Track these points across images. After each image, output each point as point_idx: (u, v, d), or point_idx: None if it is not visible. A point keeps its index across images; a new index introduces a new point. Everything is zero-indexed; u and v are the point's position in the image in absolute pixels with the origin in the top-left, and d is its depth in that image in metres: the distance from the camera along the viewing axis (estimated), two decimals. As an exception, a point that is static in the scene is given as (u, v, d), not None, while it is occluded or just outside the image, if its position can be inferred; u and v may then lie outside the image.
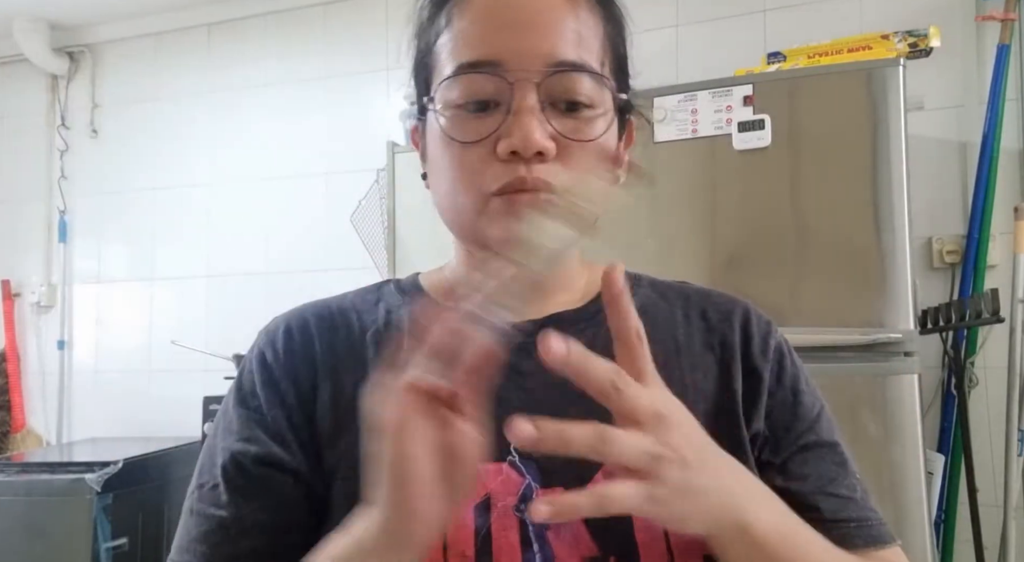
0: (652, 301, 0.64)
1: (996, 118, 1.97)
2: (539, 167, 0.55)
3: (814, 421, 0.61)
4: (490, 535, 0.52)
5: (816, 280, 1.60)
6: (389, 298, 0.65)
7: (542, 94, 0.55)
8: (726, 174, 1.68)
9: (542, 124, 0.54)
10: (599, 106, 0.57)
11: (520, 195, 0.55)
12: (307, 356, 0.61)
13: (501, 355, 0.56)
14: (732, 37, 2.31)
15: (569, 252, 0.62)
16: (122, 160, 3.04)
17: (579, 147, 0.56)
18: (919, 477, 1.50)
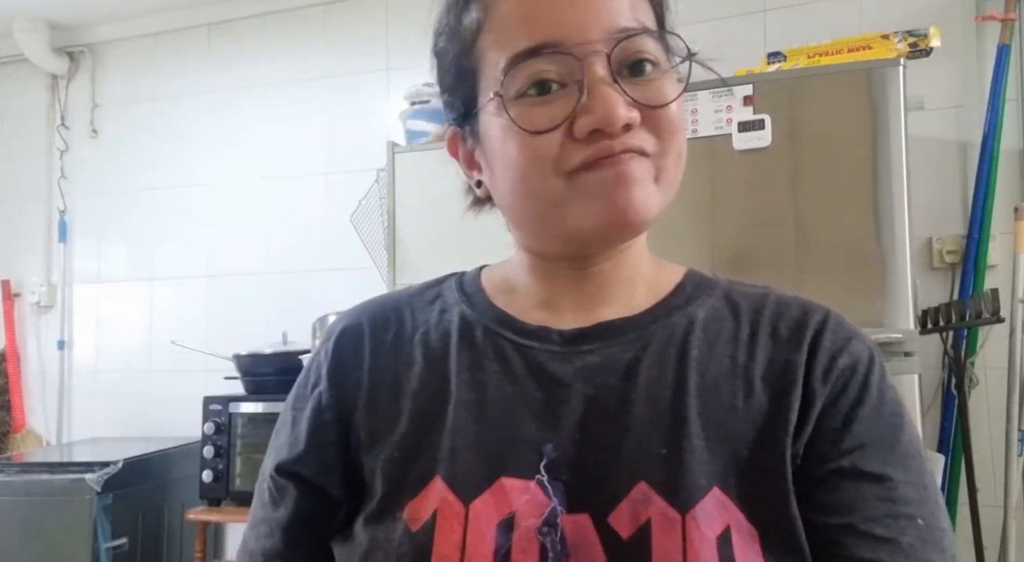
0: (719, 314, 0.58)
1: (996, 118, 1.97)
2: (626, 138, 0.51)
3: (855, 448, 0.51)
4: (509, 556, 0.49)
5: (816, 280, 1.60)
6: (447, 295, 0.63)
7: (612, 66, 0.51)
8: (726, 174, 1.68)
9: (621, 96, 0.51)
10: (668, 68, 0.54)
11: (618, 160, 0.51)
12: (355, 364, 0.60)
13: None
14: (732, 37, 2.31)
15: (627, 256, 0.59)
16: (122, 160, 3.04)
17: (662, 112, 0.52)
18: (919, 477, 1.50)
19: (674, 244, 1.71)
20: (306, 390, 0.61)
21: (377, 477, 0.55)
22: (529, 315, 0.58)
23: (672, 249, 1.71)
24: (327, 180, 2.74)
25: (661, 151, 0.53)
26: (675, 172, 0.55)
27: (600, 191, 0.51)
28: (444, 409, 0.55)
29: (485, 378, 0.56)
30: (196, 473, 2.27)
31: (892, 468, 0.51)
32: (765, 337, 0.56)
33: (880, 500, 0.50)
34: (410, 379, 0.57)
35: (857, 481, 0.50)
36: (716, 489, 0.50)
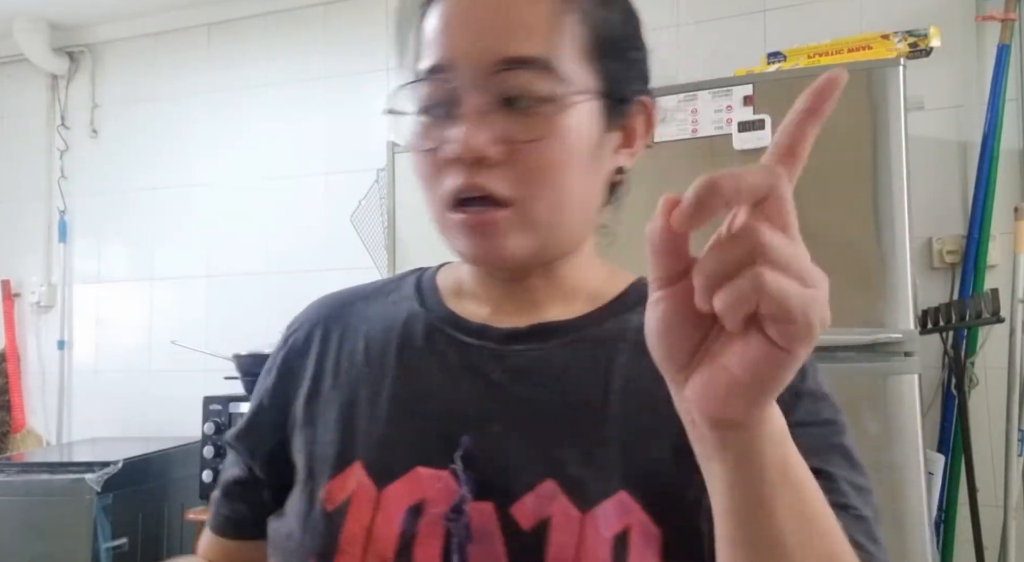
0: None
1: (996, 118, 1.97)
2: (484, 172, 0.52)
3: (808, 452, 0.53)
4: (414, 541, 0.51)
5: (816, 280, 1.60)
6: (404, 290, 0.65)
7: (490, 95, 0.51)
8: (726, 174, 1.68)
9: (481, 128, 0.51)
10: (556, 102, 0.52)
11: (467, 210, 0.53)
12: (304, 354, 0.64)
13: None
14: (732, 37, 2.31)
15: (558, 271, 0.59)
16: (122, 160, 3.04)
17: (531, 151, 0.51)
18: (919, 477, 1.50)
19: (674, 244, 1.71)
20: (264, 375, 0.67)
21: (304, 458, 0.59)
22: (474, 314, 0.60)
23: (672, 249, 1.72)
24: (327, 180, 2.74)
25: (528, 196, 0.52)
26: (551, 216, 0.54)
27: (462, 234, 0.54)
28: (375, 399, 0.58)
29: (418, 371, 0.58)
30: (196, 473, 2.27)
31: (833, 465, 0.52)
32: None
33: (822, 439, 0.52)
34: (350, 370, 0.60)
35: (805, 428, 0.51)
36: (623, 492, 0.51)
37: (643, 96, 0.59)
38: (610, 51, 0.55)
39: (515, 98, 0.51)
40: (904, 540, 1.50)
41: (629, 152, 0.59)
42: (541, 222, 0.54)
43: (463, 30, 0.53)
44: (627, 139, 0.59)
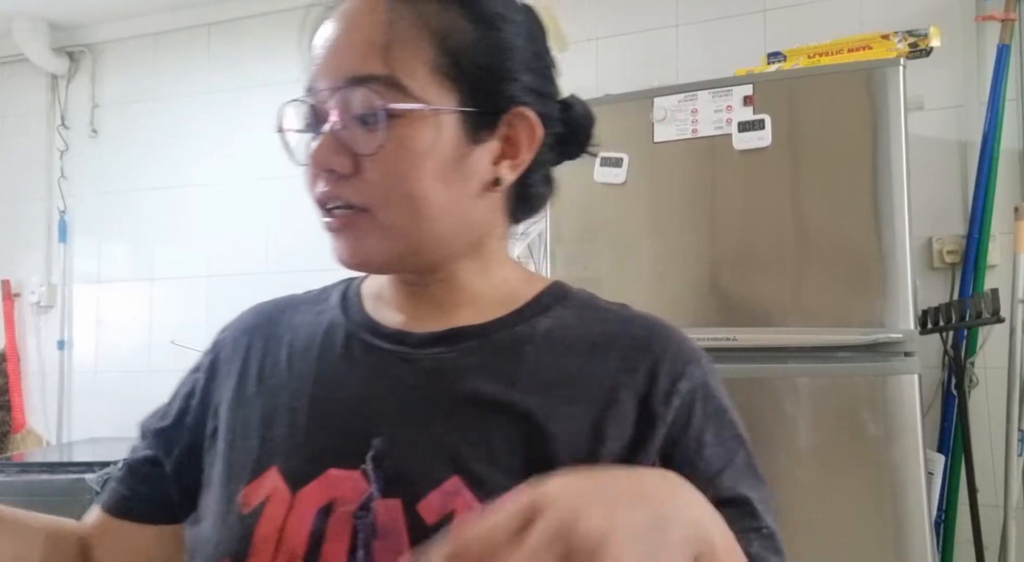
0: (566, 325, 0.61)
1: (996, 118, 1.97)
2: (340, 183, 0.56)
3: (713, 477, 0.55)
4: (323, 539, 0.53)
5: (816, 280, 1.60)
6: (332, 299, 0.67)
7: (339, 112, 0.55)
8: (726, 174, 1.68)
9: (328, 143, 0.55)
10: (399, 116, 0.54)
11: (331, 216, 0.58)
12: (231, 360, 0.66)
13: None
14: (732, 37, 2.31)
15: (459, 276, 0.62)
16: (122, 160, 3.04)
17: (373, 163, 0.55)
18: (919, 477, 1.50)
19: (674, 244, 1.71)
20: (191, 373, 0.68)
21: (223, 463, 0.60)
22: (391, 320, 0.63)
23: (672, 249, 1.72)
24: (327, 180, 2.74)
25: (378, 203, 0.56)
26: (406, 221, 0.56)
27: (331, 237, 0.59)
28: (294, 406, 0.60)
29: (336, 378, 0.61)
30: (196, 473, 2.27)
31: (744, 486, 0.56)
32: (605, 350, 0.59)
33: (736, 520, 0.53)
34: (272, 378, 0.63)
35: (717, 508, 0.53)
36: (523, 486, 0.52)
37: (519, 107, 0.59)
38: (469, 65, 0.57)
39: (361, 113, 0.55)
40: (904, 540, 1.50)
41: (511, 163, 0.60)
42: (396, 228, 0.56)
43: (323, 53, 0.57)
44: (511, 150, 0.60)
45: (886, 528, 1.52)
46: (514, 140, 0.60)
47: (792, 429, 1.59)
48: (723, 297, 1.66)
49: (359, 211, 0.56)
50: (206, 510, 0.61)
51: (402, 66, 0.55)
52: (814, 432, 1.58)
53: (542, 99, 0.61)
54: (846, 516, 1.54)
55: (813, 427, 1.58)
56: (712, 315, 1.66)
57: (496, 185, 0.60)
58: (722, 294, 1.67)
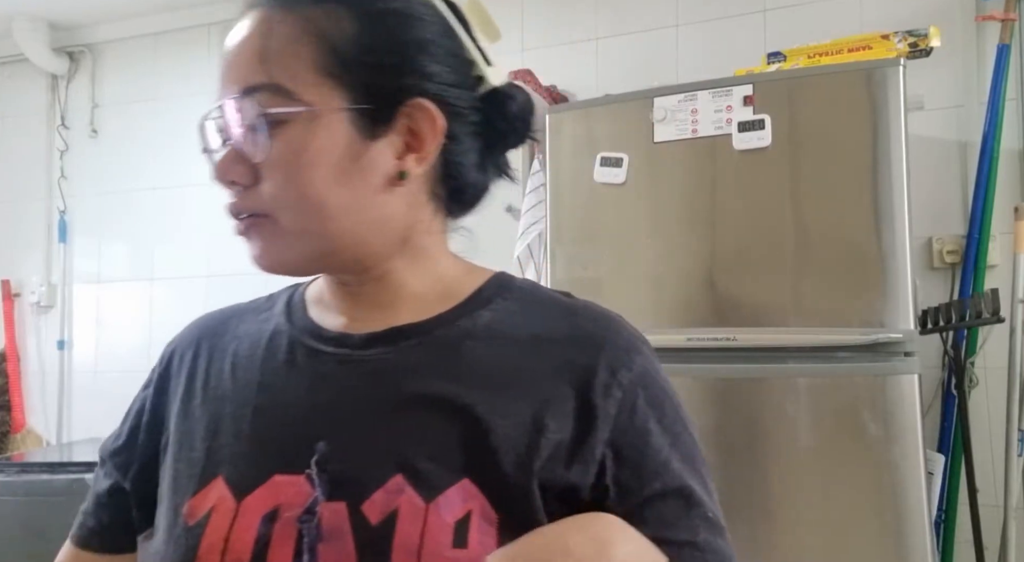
0: (508, 316, 0.61)
1: (996, 118, 1.97)
2: (243, 194, 0.58)
3: (660, 467, 0.56)
4: (268, 545, 0.54)
5: (816, 280, 1.60)
6: (277, 306, 0.68)
7: (235, 125, 0.56)
8: (726, 174, 1.68)
9: (228, 156, 0.57)
10: (286, 122, 0.55)
11: (237, 225, 0.59)
12: (178, 372, 0.67)
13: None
14: (732, 37, 2.31)
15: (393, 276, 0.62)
16: (122, 160, 3.04)
17: (265, 169, 0.56)
18: (919, 477, 1.50)
19: (674, 244, 1.71)
20: (141, 390, 0.70)
21: (170, 476, 0.61)
22: (333, 323, 0.63)
23: (672, 249, 1.72)
24: (327, 180, 2.74)
25: (278, 208, 0.57)
26: (307, 224, 0.57)
27: (246, 243, 0.60)
28: (238, 414, 0.60)
29: (280, 384, 0.61)
30: (196, 473, 2.27)
31: (688, 475, 0.57)
32: (547, 343, 0.59)
33: (682, 509, 0.56)
34: (217, 388, 0.63)
35: (665, 498, 0.56)
36: (466, 480, 0.53)
37: (416, 99, 0.58)
38: (356, 62, 0.57)
39: (251, 122, 0.55)
40: (904, 540, 1.50)
41: (417, 156, 0.59)
42: (299, 231, 0.57)
43: (222, 68, 0.58)
44: (415, 144, 0.59)
45: (886, 528, 1.52)
46: (418, 132, 0.59)
47: (792, 429, 1.59)
48: (723, 297, 1.66)
49: (262, 217, 0.58)
50: (158, 525, 0.61)
51: (283, 71, 0.55)
52: (814, 432, 1.58)
53: (451, 89, 0.60)
54: (846, 516, 1.54)
55: (813, 427, 1.58)
56: (712, 315, 1.66)
57: (402, 179, 0.59)
58: (722, 294, 1.67)
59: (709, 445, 1.64)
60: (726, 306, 1.66)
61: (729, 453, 1.61)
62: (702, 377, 1.64)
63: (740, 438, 1.61)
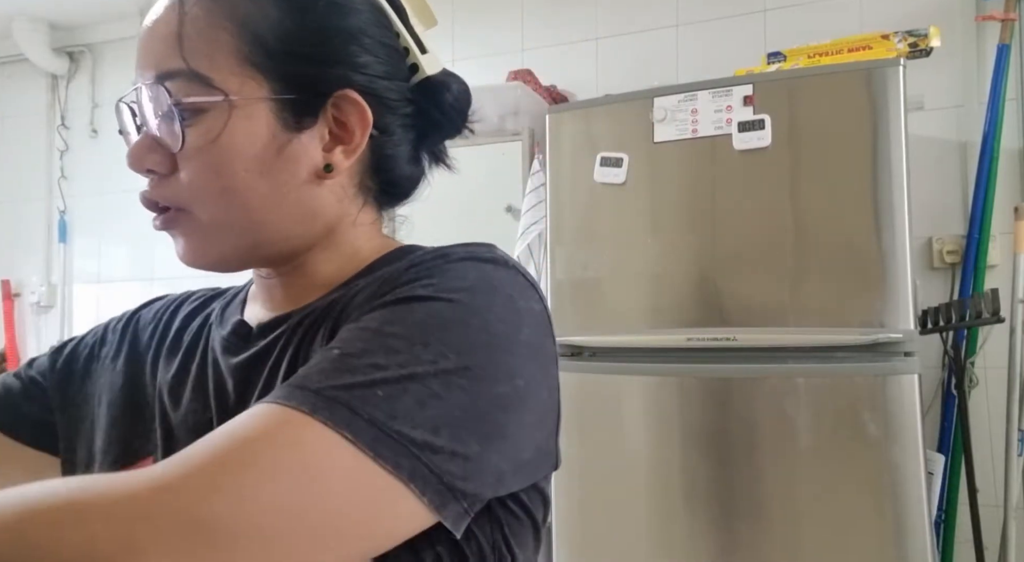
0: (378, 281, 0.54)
1: (996, 118, 1.97)
2: (159, 184, 0.57)
3: (356, 318, 0.49)
4: None
5: (816, 280, 1.60)
6: (230, 293, 0.68)
7: (147, 112, 0.55)
8: (726, 174, 1.68)
9: (140, 144, 0.56)
10: (205, 110, 0.53)
11: (155, 222, 0.58)
12: (135, 337, 0.68)
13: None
14: (732, 37, 2.31)
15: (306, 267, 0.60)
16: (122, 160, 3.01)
17: (183, 161, 0.55)
18: (919, 477, 1.50)
19: (674, 244, 1.71)
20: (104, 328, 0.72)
21: (103, 439, 0.61)
22: (251, 313, 0.63)
23: (672, 249, 1.72)
24: (327, 180, 2.74)
25: (196, 201, 0.55)
26: (227, 217, 0.55)
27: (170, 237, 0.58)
28: (166, 396, 0.61)
29: (189, 370, 0.61)
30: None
31: (357, 322, 0.48)
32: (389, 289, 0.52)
33: (324, 360, 0.45)
34: (156, 363, 0.64)
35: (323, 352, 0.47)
36: None
37: (344, 90, 0.56)
38: (281, 51, 0.54)
39: (167, 110, 0.53)
40: (904, 540, 1.50)
41: (345, 149, 0.57)
42: (217, 225, 0.56)
43: (138, 51, 0.56)
44: (344, 136, 0.57)
45: (886, 528, 1.52)
46: (346, 124, 0.57)
47: (792, 429, 1.59)
48: (723, 297, 1.66)
49: (179, 211, 0.56)
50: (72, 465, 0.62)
51: (200, 58, 0.53)
52: (814, 432, 1.58)
53: (382, 80, 0.58)
54: (846, 516, 1.54)
55: (813, 427, 1.58)
56: (712, 315, 1.66)
57: (328, 171, 0.57)
58: (722, 294, 1.67)
59: (709, 445, 1.65)
60: (726, 306, 1.66)
61: (729, 453, 1.61)
62: (702, 377, 1.64)
63: (740, 438, 1.61)
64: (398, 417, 0.41)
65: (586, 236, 1.81)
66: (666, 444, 1.68)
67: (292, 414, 0.40)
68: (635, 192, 1.76)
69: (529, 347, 0.49)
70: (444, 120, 0.62)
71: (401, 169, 0.62)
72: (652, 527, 1.71)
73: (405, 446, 0.41)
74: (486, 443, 0.44)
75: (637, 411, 1.71)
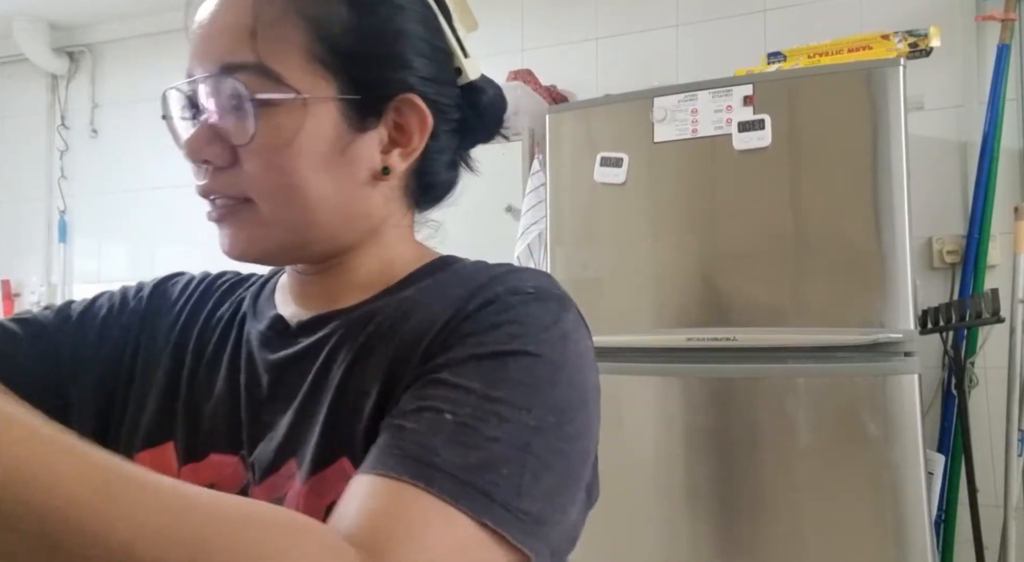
0: (426, 293, 0.57)
1: (996, 118, 1.97)
2: (216, 175, 0.55)
3: (441, 365, 0.49)
4: None
5: (816, 280, 1.60)
6: (255, 287, 0.67)
7: (211, 102, 0.54)
8: (726, 174, 1.68)
9: (202, 133, 0.54)
10: (274, 105, 0.53)
11: (210, 211, 0.57)
12: (169, 310, 0.66)
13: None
14: (732, 37, 2.31)
15: (348, 266, 0.60)
16: (122, 160, 3.04)
17: (247, 154, 0.54)
18: (919, 477, 1.50)
19: (674, 244, 1.71)
20: (129, 290, 0.67)
21: (130, 423, 0.60)
22: (285, 308, 0.62)
23: (672, 249, 1.72)
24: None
25: (263, 197, 0.55)
26: (289, 213, 0.55)
27: (216, 227, 0.58)
28: (191, 381, 0.61)
29: (221, 360, 0.61)
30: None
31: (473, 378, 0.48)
32: (451, 308, 0.53)
33: (428, 399, 0.47)
34: (186, 346, 0.63)
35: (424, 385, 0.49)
36: (344, 460, 0.52)
37: (406, 94, 0.57)
38: (348, 52, 0.55)
39: (233, 102, 0.53)
40: (904, 540, 1.50)
41: (402, 151, 0.58)
42: (280, 220, 0.55)
43: (195, 44, 0.55)
44: (400, 138, 0.58)
45: (886, 528, 1.52)
46: (405, 127, 0.57)
47: (792, 429, 1.59)
48: (723, 297, 1.66)
49: (242, 202, 0.55)
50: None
51: (272, 53, 0.53)
52: (814, 432, 1.58)
53: (436, 85, 0.59)
54: (846, 516, 1.54)
55: (813, 427, 1.58)
56: (712, 315, 1.66)
57: (386, 174, 0.57)
58: (722, 294, 1.67)
59: (709, 445, 1.65)
60: (726, 306, 1.66)
61: (729, 453, 1.61)
62: (702, 377, 1.64)
63: (740, 438, 1.61)
64: (523, 495, 0.45)
65: (586, 236, 1.81)
66: (666, 443, 1.68)
67: (436, 503, 0.42)
68: (635, 192, 1.76)
69: (595, 391, 0.53)
70: (480, 126, 0.63)
71: (441, 174, 0.63)
72: (653, 525, 1.71)
73: (530, 524, 0.45)
74: (575, 503, 0.50)
75: (637, 411, 1.71)
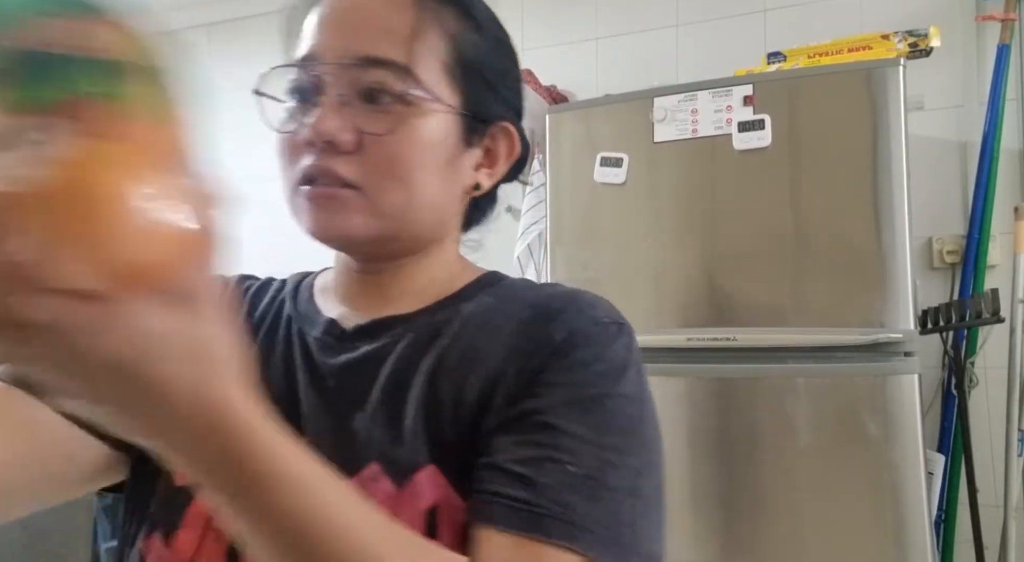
0: (486, 308, 0.60)
1: (996, 118, 1.97)
2: (335, 158, 0.56)
3: (544, 407, 0.52)
4: (236, 553, 0.53)
5: (816, 280, 1.60)
6: (288, 289, 0.69)
7: (347, 87, 0.56)
8: (726, 174, 1.68)
9: (334, 115, 0.55)
10: (410, 105, 0.56)
11: (314, 189, 0.57)
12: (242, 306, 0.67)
13: None
14: (732, 37, 2.31)
15: (411, 268, 0.62)
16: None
17: (381, 145, 0.56)
18: (919, 477, 1.50)
19: (674, 244, 1.71)
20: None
21: None
22: (330, 310, 0.63)
23: (672, 249, 1.72)
24: (327, 180, 2.74)
25: (374, 184, 0.56)
26: (396, 206, 0.57)
27: (308, 208, 0.57)
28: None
29: (271, 362, 0.61)
30: (196, 473, 2.27)
31: (578, 424, 0.51)
32: (508, 326, 0.57)
33: (530, 444, 0.51)
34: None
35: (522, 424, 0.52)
36: (432, 467, 0.53)
37: (505, 121, 0.63)
38: (473, 73, 0.60)
39: (371, 94, 0.56)
40: (904, 540, 1.50)
41: (489, 172, 0.63)
42: (385, 210, 0.57)
43: (332, 29, 0.57)
44: (488, 160, 0.63)
45: (886, 528, 1.52)
46: (493, 151, 0.63)
47: (792, 429, 1.59)
48: (723, 297, 1.67)
49: (350, 188, 0.56)
50: (136, 472, 0.61)
51: (420, 59, 0.57)
52: (814, 432, 1.58)
53: (517, 118, 0.64)
54: (846, 516, 1.54)
55: (813, 427, 1.58)
56: (712, 315, 1.66)
57: (476, 190, 0.62)
58: (722, 294, 1.67)
59: (709, 445, 1.65)
60: (726, 306, 1.66)
61: (729, 453, 1.61)
62: (702, 377, 1.64)
63: (740, 438, 1.61)
64: (643, 539, 0.50)
65: (586, 236, 1.81)
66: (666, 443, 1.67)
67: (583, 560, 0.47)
68: (635, 192, 1.76)
69: (658, 420, 0.58)
70: (517, 164, 0.67)
71: (489, 200, 0.68)
72: (652, 527, 1.71)
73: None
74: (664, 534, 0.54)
75: (637, 411, 1.71)
